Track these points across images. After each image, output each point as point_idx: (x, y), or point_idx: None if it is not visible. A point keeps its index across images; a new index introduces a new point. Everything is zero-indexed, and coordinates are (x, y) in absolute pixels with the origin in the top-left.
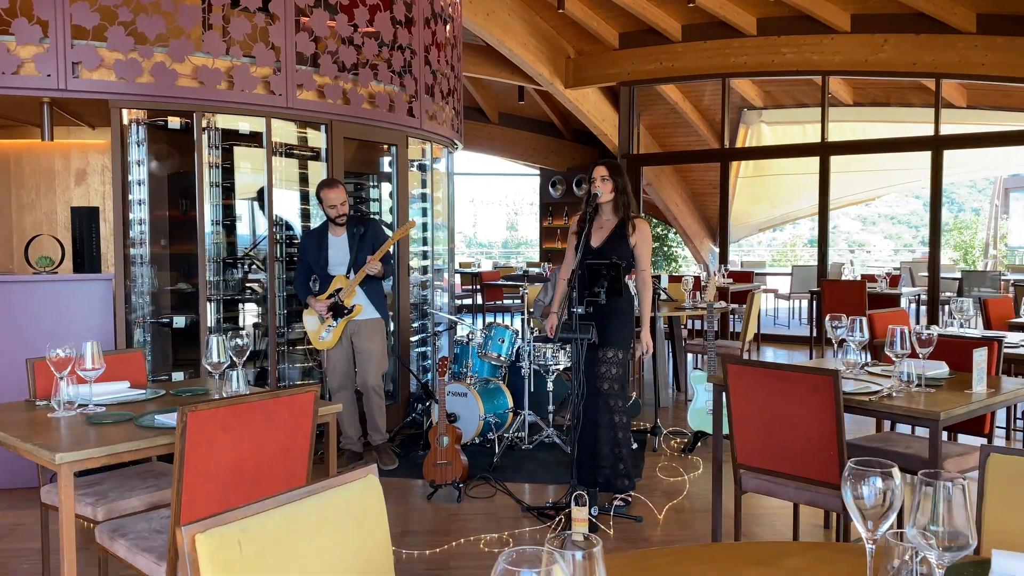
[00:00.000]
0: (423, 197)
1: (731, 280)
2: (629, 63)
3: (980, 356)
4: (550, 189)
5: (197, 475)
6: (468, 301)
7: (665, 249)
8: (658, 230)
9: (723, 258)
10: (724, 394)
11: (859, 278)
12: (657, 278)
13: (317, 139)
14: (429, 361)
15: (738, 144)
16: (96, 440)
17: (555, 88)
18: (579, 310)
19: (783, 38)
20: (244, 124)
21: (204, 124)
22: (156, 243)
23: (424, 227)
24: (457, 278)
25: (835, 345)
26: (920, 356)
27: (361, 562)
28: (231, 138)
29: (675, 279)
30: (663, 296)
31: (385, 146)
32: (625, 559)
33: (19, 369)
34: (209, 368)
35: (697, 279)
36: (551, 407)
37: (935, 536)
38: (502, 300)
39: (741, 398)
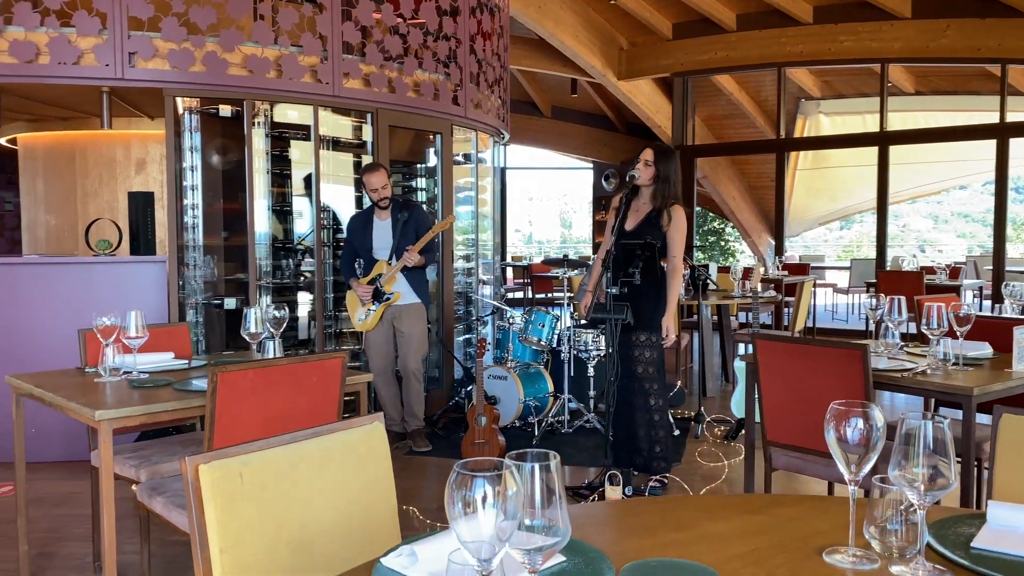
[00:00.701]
0: (470, 187)
1: (785, 272)
2: (683, 53)
3: (1021, 333)
4: (603, 182)
5: (227, 435)
6: (520, 294)
7: (722, 244)
8: (715, 224)
9: (779, 250)
10: (756, 373)
11: (918, 269)
12: (705, 267)
13: (366, 132)
14: (473, 348)
15: (796, 136)
16: (136, 401)
17: (608, 80)
18: (613, 291)
19: (840, 25)
20: (293, 112)
21: (256, 118)
22: (215, 234)
23: (471, 215)
24: (509, 271)
25: (872, 325)
26: (958, 334)
27: (363, 502)
28: (283, 128)
29: (724, 269)
30: (711, 286)
31: (431, 136)
32: (620, 505)
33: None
34: (247, 337)
35: (748, 269)
36: (592, 392)
37: (917, 477)
38: (551, 292)
39: (771, 374)
